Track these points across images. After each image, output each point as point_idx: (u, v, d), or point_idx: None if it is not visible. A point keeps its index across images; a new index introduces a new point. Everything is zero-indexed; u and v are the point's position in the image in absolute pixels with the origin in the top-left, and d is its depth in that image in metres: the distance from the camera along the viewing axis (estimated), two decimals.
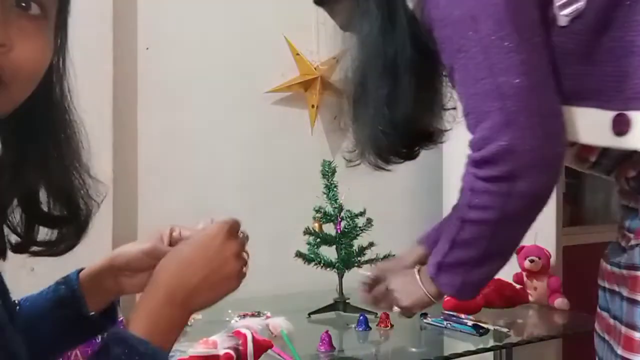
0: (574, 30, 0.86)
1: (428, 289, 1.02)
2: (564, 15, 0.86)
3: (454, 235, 0.93)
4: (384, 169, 1.07)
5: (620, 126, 0.85)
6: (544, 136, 0.84)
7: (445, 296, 1.12)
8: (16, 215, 0.65)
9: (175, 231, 0.81)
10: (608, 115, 0.86)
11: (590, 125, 0.88)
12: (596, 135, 0.88)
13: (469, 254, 0.93)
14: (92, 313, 0.85)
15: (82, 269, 0.87)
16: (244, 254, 0.75)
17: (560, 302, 1.89)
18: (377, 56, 0.98)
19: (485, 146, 0.86)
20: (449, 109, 1.08)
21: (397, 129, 1.00)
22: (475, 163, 0.88)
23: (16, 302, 0.79)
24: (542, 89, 0.86)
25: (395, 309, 1.12)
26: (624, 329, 0.87)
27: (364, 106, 1.03)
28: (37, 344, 0.56)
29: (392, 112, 0.99)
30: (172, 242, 0.80)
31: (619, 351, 0.87)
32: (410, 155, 1.08)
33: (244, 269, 0.75)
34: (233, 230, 0.74)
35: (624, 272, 0.89)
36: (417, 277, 1.03)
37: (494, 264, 0.95)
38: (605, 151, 0.94)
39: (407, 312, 1.11)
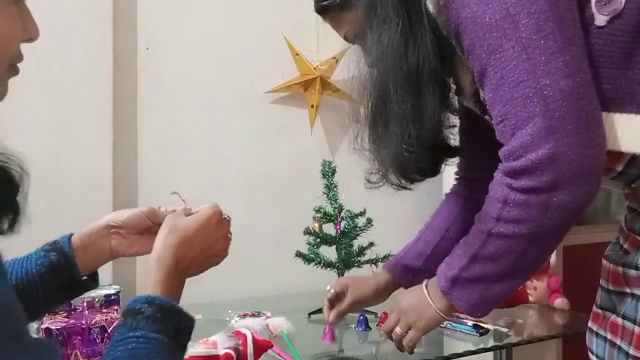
0: (613, 31, 0.81)
1: (438, 305, 0.98)
2: (602, 15, 0.81)
3: (476, 249, 0.88)
4: (406, 188, 1.02)
5: None
6: (589, 144, 0.79)
7: (455, 313, 1.05)
8: None
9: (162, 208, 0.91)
10: None
11: (632, 132, 0.82)
12: (636, 144, 0.82)
13: (493, 269, 0.87)
14: (84, 277, 0.89)
15: (71, 234, 0.89)
16: (229, 235, 0.86)
17: (560, 302, 1.89)
18: (399, 67, 0.91)
19: (525, 154, 0.80)
20: (453, 126, 1.05)
21: (423, 145, 0.93)
22: (511, 173, 0.82)
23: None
24: (588, 94, 0.79)
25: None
26: (637, 329, 0.86)
27: (384, 124, 0.96)
28: (26, 308, 0.57)
29: (417, 128, 0.92)
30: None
31: (631, 351, 0.86)
32: (435, 172, 1.03)
33: (228, 248, 0.85)
34: (221, 214, 0.84)
35: None
36: (426, 292, 0.99)
37: (518, 279, 0.91)
38: (633, 160, 0.87)
39: (415, 339, 1.05)
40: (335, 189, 1.78)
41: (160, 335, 0.67)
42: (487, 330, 1.62)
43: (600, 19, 0.82)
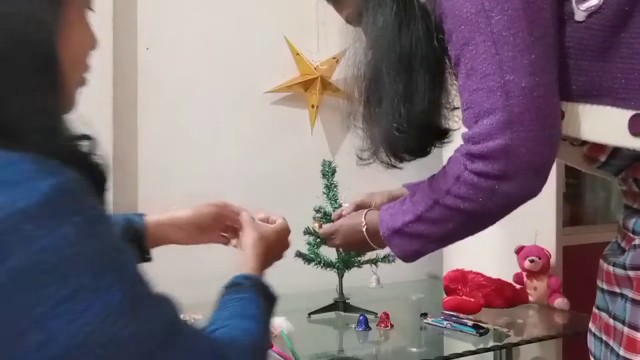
0: (592, 26, 0.84)
1: (375, 242, 1.08)
2: (581, 10, 0.84)
3: (421, 211, 0.95)
4: (396, 167, 1.07)
5: (638, 127, 0.82)
6: (542, 142, 0.83)
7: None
8: None
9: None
10: (625, 115, 0.84)
11: (606, 124, 0.85)
12: (612, 135, 0.86)
13: (432, 230, 0.95)
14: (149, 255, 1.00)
15: (142, 214, 1.01)
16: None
17: (560, 302, 1.89)
18: (392, 50, 0.96)
19: (483, 142, 0.84)
20: (456, 108, 1.06)
21: (413, 126, 0.98)
22: (469, 155, 0.87)
23: None
24: (548, 93, 0.84)
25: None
26: (626, 329, 0.86)
27: (377, 103, 1.01)
28: None
29: (407, 108, 0.97)
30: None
31: (621, 352, 0.86)
32: (423, 153, 1.07)
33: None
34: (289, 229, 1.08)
35: (630, 273, 0.88)
36: (365, 235, 1.09)
37: (448, 243, 0.99)
38: (616, 151, 0.90)
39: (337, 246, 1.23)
40: (335, 189, 1.78)
41: (261, 299, 0.83)
42: (487, 330, 1.62)
43: (580, 14, 0.85)
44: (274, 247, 1.01)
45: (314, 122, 2.28)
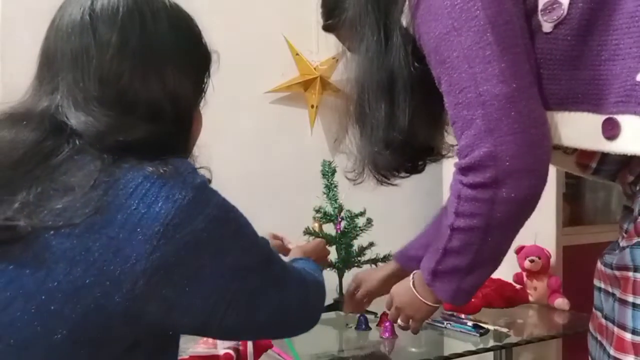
0: (559, 36, 0.88)
1: (425, 297, 1.08)
2: (548, 22, 0.89)
3: (445, 243, 0.95)
4: (390, 183, 1.12)
5: (610, 130, 0.85)
6: (525, 143, 0.86)
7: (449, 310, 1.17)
8: None
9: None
10: (598, 119, 0.86)
11: (582, 129, 0.89)
12: (588, 140, 0.89)
13: (461, 261, 0.95)
14: None
15: None
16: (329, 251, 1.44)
17: (560, 302, 1.89)
18: (372, 79, 1.02)
19: (470, 153, 0.88)
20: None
21: (391, 149, 1.04)
22: (461, 170, 0.90)
23: None
24: (524, 97, 0.87)
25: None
26: (616, 329, 0.87)
27: (362, 126, 1.07)
28: None
29: (387, 133, 1.03)
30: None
31: (612, 352, 0.87)
32: (416, 170, 1.12)
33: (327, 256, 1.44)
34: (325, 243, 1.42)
35: (616, 272, 0.89)
36: (413, 289, 1.10)
37: (486, 269, 0.99)
38: (604, 157, 0.93)
39: (417, 328, 1.20)
40: (335, 189, 1.78)
41: (317, 268, 1.12)
42: (487, 330, 1.62)
43: (547, 26, 0.89)
44: (311, 252, 1.26)
45: (314, 122, 2.28)
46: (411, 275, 1.12)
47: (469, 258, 0.94)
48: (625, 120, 0.84)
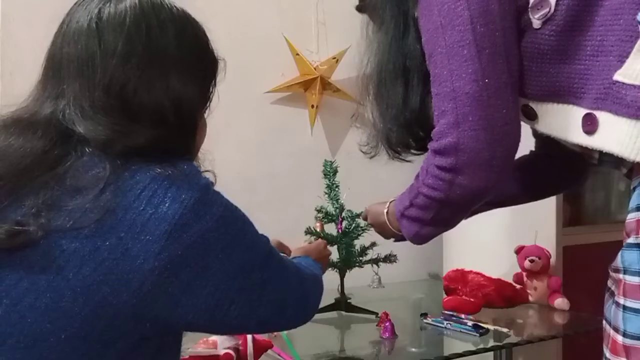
0: (547, 32, 0.93)
1: (391, 224, 1.24)
2: (536, 19, 0.93)
3: (412, 198, 1.09)
4: (403, 159, 1.21)
5: (589, 125, 0.89)
6: (487, 140, 0.93)
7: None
8: None
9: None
10: (580, 113, 0.91)
11: (567, 121, 0.93)
12: (571, 133, 0.93)
13: (422, 215, 1.09)
14: None
15: None
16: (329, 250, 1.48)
17: (560, 302, 1.89)
18: (390, 60, 1.12)
19: (440, 139, 0.97)
20: None
21: (404, 126, 1.13)
22: (432, 151, 1.00)
23: None
24: (494, 98, 0.93)
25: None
26: (612, 332, 0.88)
27: (379, 104, 1.16)
28: None
29: (400, 112, 1.12)
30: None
31: (607, 354, 0.88)
32: (424, 148, 1.16)
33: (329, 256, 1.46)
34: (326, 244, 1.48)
35: (612, 274, 0.90)
36: (385, 215, 1.26)
37: (441, 228, 1.12)
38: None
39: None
40: (336, 189, 1.78)
41: (315, 264, 1.17)
42: (487, 330, 1.62)
43: (536, 23, 0.94)
44: (312, 253, 1.29)
45: (314, 122, 2.29)
46: (387, 203, 1.26)
47: (429, 216, 1.07)
48: (603, 117, 0.87)
